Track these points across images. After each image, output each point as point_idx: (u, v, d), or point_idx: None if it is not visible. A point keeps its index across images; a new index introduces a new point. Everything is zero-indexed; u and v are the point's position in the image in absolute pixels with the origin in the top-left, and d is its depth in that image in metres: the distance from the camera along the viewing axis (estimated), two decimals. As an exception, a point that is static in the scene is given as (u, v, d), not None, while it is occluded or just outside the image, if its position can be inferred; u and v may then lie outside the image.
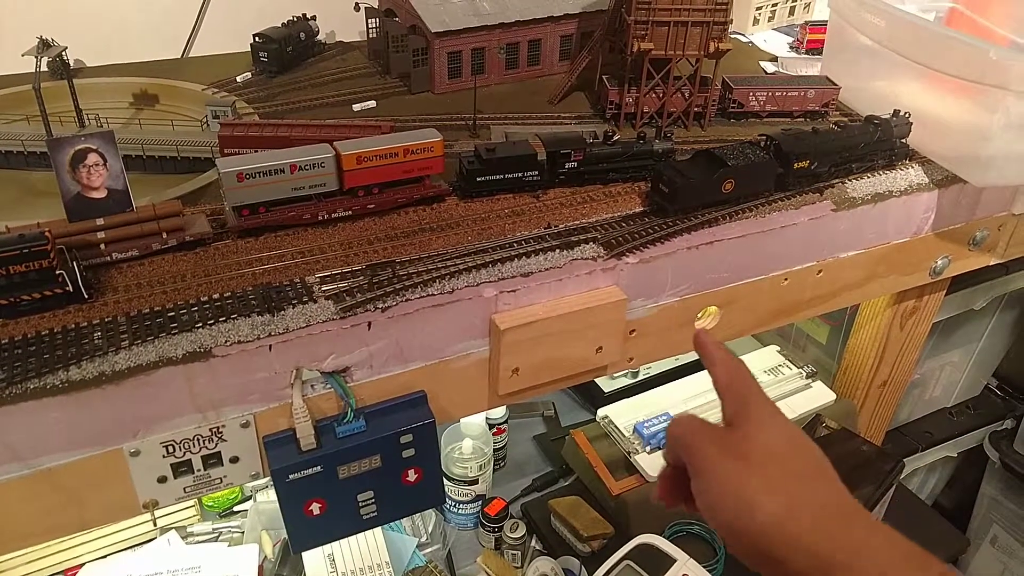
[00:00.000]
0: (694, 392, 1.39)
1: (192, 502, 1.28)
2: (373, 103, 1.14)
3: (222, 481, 0.74)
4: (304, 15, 1.31)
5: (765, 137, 0.94)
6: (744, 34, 1.57)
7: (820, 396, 1.41)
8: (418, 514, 1.34)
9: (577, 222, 0.87)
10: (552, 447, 1.48)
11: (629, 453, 1.29)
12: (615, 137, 0.93)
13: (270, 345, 0.69)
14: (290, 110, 1.12)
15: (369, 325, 0.73)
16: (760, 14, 1.60)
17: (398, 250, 0.80)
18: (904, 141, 1.02)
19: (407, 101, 1.17)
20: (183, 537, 1.26)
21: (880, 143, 0.99)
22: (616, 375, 1.55)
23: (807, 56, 1.43)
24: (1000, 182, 1.05)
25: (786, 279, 0.99)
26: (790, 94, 1.14)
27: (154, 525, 1.25)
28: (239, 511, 1.33)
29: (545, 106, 1.17)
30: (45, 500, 0.67)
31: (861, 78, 1.16)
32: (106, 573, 1.19)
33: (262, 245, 0.80)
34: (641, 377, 1.57)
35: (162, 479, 0.71)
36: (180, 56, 1.38)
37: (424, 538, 1.33)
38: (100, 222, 0.76)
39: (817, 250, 1.00)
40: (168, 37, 1.36)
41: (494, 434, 1.40)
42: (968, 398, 1.81)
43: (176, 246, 0.78)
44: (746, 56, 1.45)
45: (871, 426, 1.47)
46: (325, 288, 0.74)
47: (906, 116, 1.01)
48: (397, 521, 1.31)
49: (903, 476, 1.44)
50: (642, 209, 0.91)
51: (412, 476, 0.79)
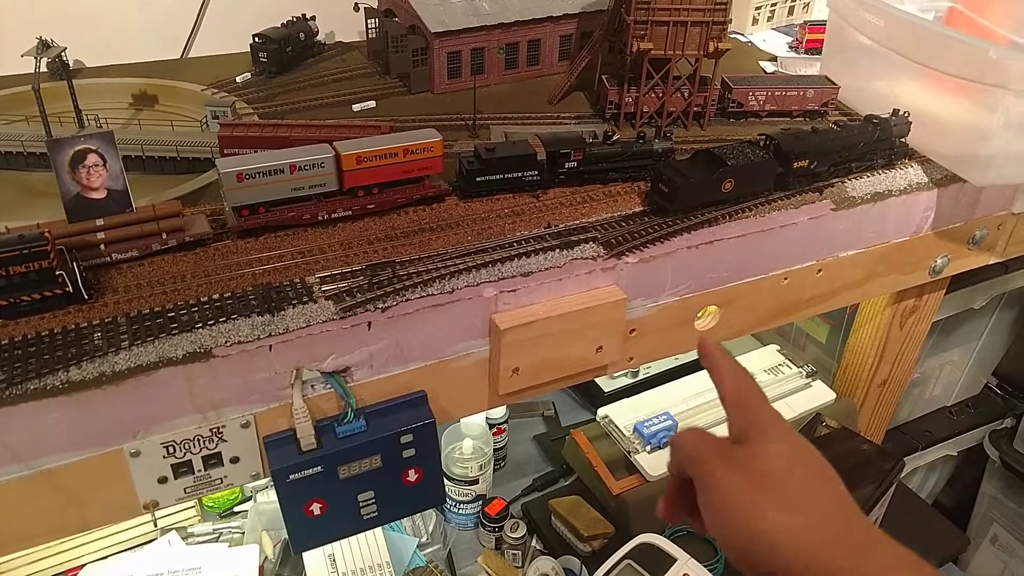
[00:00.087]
0: (694, 391, 1.39)
1: (192, 503, 1.28)
2: (373, 103, 1.15)
3: (222, 481, 0.74)
4: (304, 15, 1.31)
5: (764, 137, 0.94)
6: (743, 34, 1.57)
7: (820, 395, 1.41)
8: (418, 514, 1.34)
9: (577, 222, 0.87)
10: (552, 447, 1.48)
11: (629, 453, 1.29)
12: (615, 137, 0.93)
13: (270, 345, 0.69)
14: (290, 110, 1.12)
15: (369, 325, 0.73)
16: (759, 14, 1.59)
17: (398, 250, 0.80)
18: (903, 140, 1.02)
19: (407, 101, 1.17)
20: (183, 538, 1.26)
21: (879, 142, 0.99)
22: (616, 375, 1.55)
23: (806, 56, 1.43)
24: (999, 181, 1.05)
25: (786, 278, 0.99)
26: (789, 94, 1.14)
27: (155, 526, 1.25)
28: (239, 512, 1.33)
29: (545, 106, 1.17)
30: (45, 501, 0.67)
31: (860, 78, 1.16)
32: (106, 574, 1.19)
33: (262, 245, 0.80)
34: (641, 377, 1.57)
35: (162, 480, 0.71)
36: (180, 56, 1.38)
37: (424, 538, 1.33)
38: (100, 223, 0.76)
39: (817, 249, 1.00)
40: (168, 37, 1.36)
41: (494, 434, 1.40)
42: (968, 397, 1.81)
43: (176, 246, 0.78)
44: (745, 56, 1.44)
45: (871, 425, 1.47)
46: (325, 288, 0.74)
47: (905, 115, 1.01)
48: (397, 521, 1.31)
49: (903, 475, 1.44)
50: (642, 209, 0.91)
51: (412, 476, 0.79)
